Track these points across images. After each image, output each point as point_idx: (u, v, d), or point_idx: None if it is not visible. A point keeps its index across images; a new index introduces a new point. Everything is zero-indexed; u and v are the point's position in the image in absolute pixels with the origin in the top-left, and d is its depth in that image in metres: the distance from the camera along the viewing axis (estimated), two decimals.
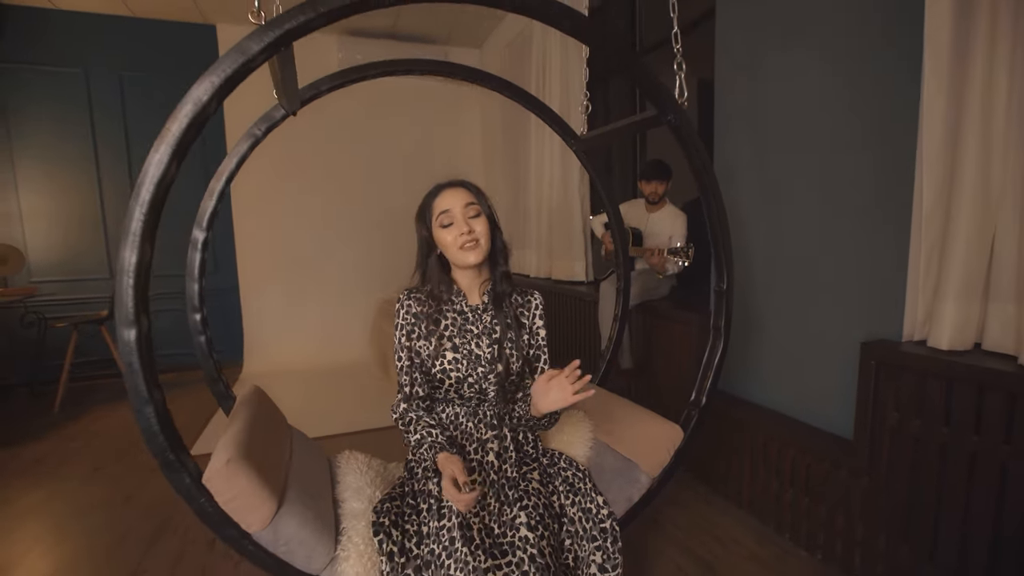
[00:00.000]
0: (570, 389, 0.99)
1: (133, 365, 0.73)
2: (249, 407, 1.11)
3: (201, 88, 0.74)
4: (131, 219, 0.72)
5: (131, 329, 0.72)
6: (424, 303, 1.16)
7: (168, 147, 0.72)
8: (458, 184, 1.14)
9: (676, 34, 1.22)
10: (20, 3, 3.76)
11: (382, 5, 0.82)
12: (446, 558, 0.95)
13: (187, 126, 0.73)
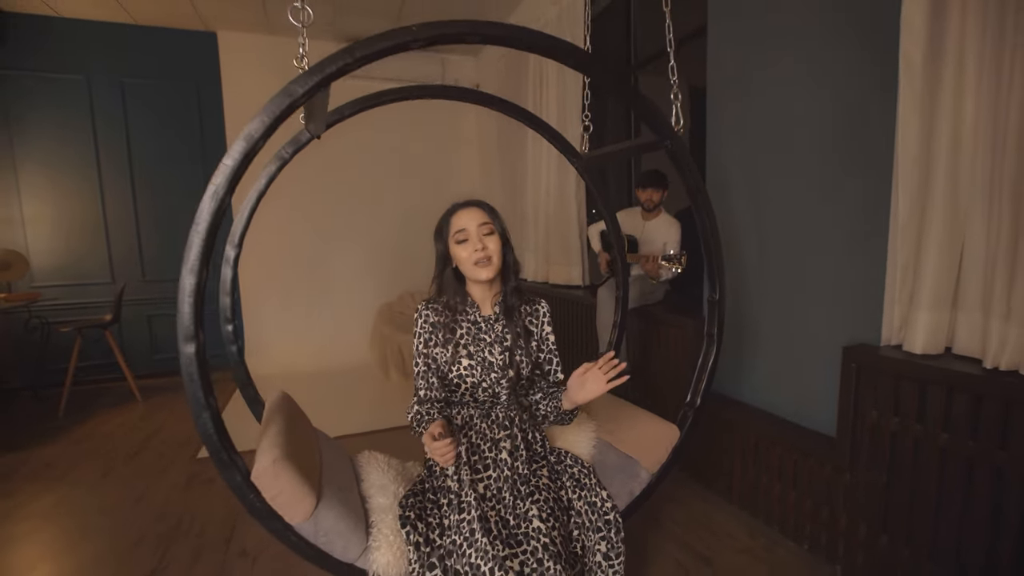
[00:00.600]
0: (604, 379, 1.11)
1: (193, 376, 0.82)
2: (281, 411, 1.20)
3: (253, 126, 0.82)
4: (191, 248, 0.81)
5: (191, 344, 0.81)
6: (441, 313, 1.26)
7: (224, 179, 0.81)
8: (474, 204, 1.24)
9: (672, 67, 1.32)
10: (23, 11, 3.80)
11: (413, 47, 0.91)
12: (467, 547, 1.04)
13: (240, 160, 0.82)
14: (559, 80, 3.42)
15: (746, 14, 2.01)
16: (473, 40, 0.96)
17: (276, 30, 4.34)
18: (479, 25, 0.90)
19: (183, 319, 0.80)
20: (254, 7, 3.90)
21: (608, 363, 1.12)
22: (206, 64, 4.32)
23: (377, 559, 1.03)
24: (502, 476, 1.19)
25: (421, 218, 5.06)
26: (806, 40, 1.79)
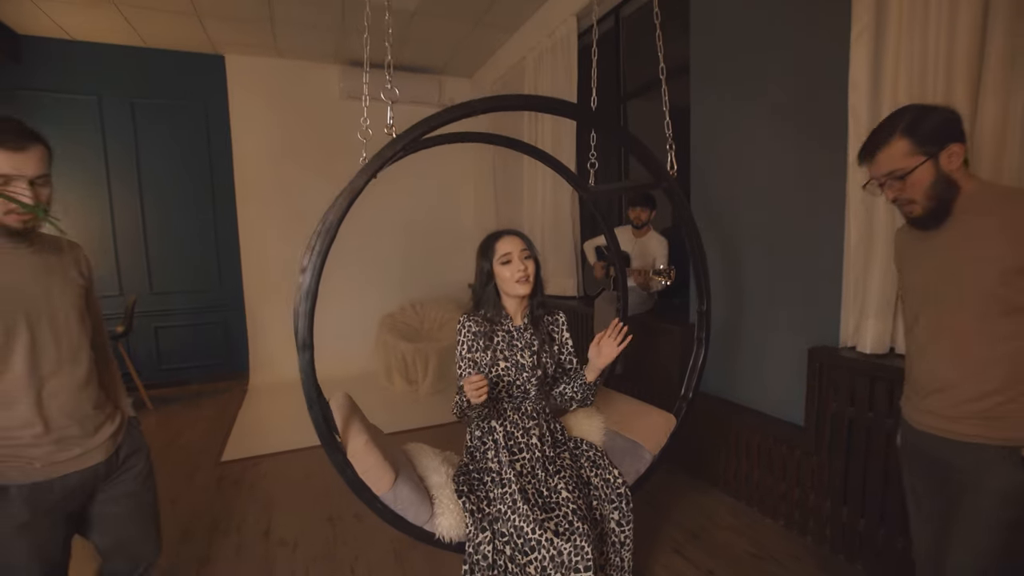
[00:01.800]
0: (615, 343, 1.40)
1: (308, 376, 1.05)
2: (353, 407, 1.44)
3: (360, 180, 1.07)
4: (308, 278, 1.05)
5: (307, 351, 1.05)
6: (481, 324, 1.51)
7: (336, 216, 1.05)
8: (515, 233, 1.49)
9: (668, 124, 1.61)
10: (39, 34, 3.95)
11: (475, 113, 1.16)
12: (511, 514, 1.29)
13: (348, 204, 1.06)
14: None
15: (722, 56, 2.33)
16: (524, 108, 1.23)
17: (282, 53, 4.56)
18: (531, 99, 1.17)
19: (302, 333, 1.04)
20: (263, 32, 4.12)
21: (616, 329, 1.40)
22: (214, 85, 4.51)
23: (441, 523, 1.27)
24: (534, 457, 1.45)
25: (422, 232, 5.35)
26: (768, 93, 2.11)
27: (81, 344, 1.17)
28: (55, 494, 1.11)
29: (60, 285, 1.15)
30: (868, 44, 1.71)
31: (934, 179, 1.01)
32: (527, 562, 1.24)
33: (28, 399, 1.07)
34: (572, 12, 3.43)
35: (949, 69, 1.50)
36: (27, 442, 1.07)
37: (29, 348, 1.07)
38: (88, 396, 1.18)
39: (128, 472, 1.27)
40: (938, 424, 1.09)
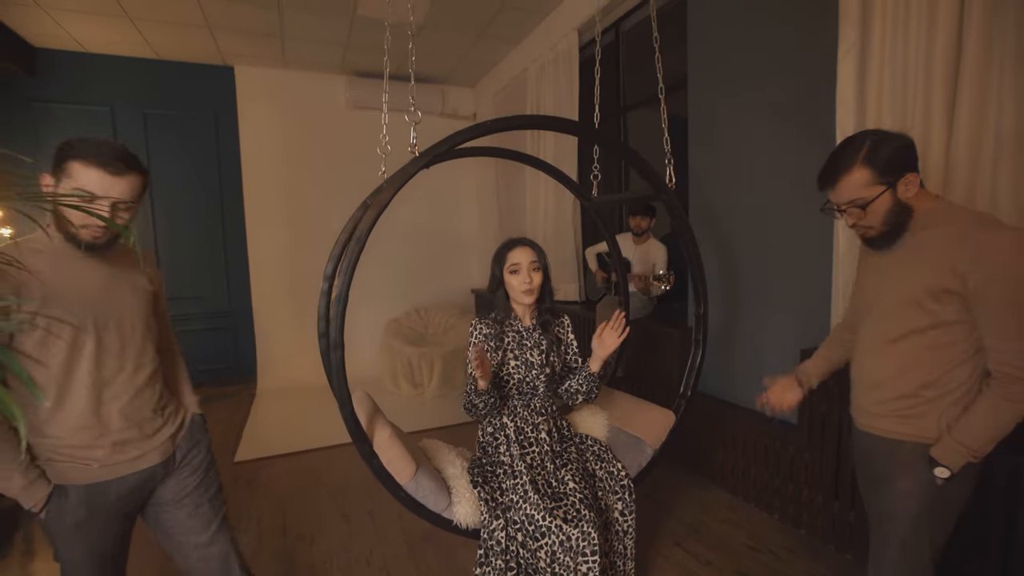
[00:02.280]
0: (615, 333, 1.49)
1: (340, 374, 1.15)
2: (373, 404, 1.54)
3: (385, 194, 1.18)
4: (341, 283, 1.15)
5: (338, 351, 1.15)
6: (491, 326, 1.61)
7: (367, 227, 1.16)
8: (528, 244, 1.59)
9: (667, 140, 1.72)
10: (54, 47, 4.07)
11: (490, 132, 1.27)
12: (522, 503, 1.39)
13: (376, 217, 1.17)
14: (555, 115, 3.82)
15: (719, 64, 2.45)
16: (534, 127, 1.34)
17: (290, 65, 4.68)
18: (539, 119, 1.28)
19: (334, 334, 1.15)
20: (272, 44, 4.24)
21: (615, 321, 1.51)
22: (223, 96, 4.62)
23: (458, 511, 1.37)
24: (543, 451, 1.55)
25: (426, 239, 5.44)
26: (768, 95, 2.23)
27: (144, 349, 1.19)
28: (111, 495, 1.13)
29: (128, 292, 1.18)
30: (854, 62, 1.83)
31: (891, 207, 1.07)
32: (538, 547, 1.34)
33: (90, 402, 1.09)
34: (574, 26, 3.55)
35: (927, 87, 1.61)
36: (86, 443, 1.10)
37: (94, 352, 1.09)
38: (148, 399, 1.19)
39: (186, 468, 1.26)
40: (867, 421, 1.20)
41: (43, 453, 1.09)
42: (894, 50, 1.71)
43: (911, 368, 1.10)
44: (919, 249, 1.08)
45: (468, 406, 1.50)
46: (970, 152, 1.54)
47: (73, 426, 1.08)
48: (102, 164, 1.03)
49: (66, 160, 1.04)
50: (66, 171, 1.03)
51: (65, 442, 1.08)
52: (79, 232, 1.05)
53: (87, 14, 3.59)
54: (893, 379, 1.13)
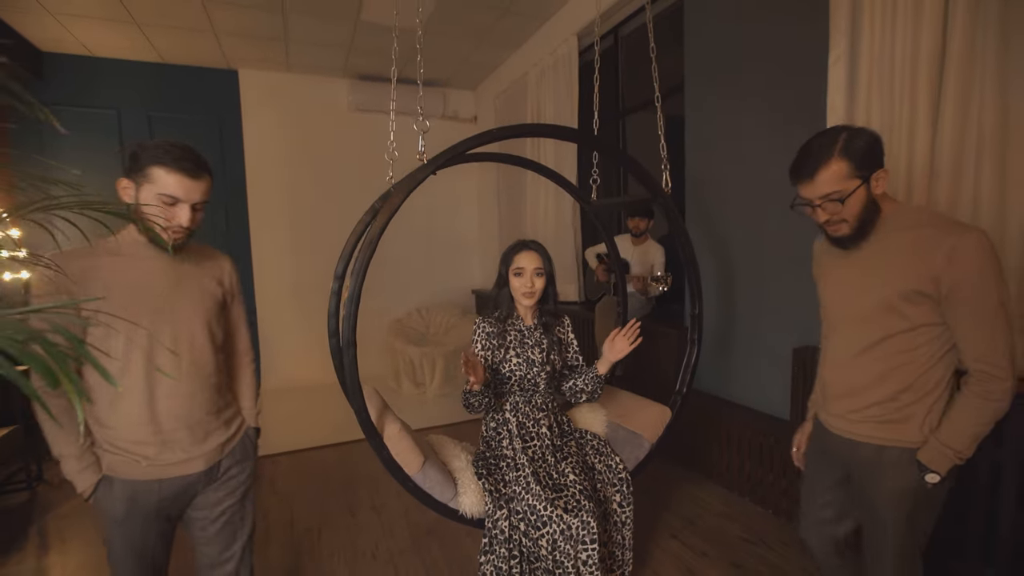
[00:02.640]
0: (627, 341, 1.56)
1: (352, 371, 1.22)
2: (382, 400, 1.60)
3: (396, 199, 1.24)
4: (353, 284, 1.21)
5: (351, 348, 1.22)
6: (495, 324, 1.67)
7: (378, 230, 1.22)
8: (535, 249, 1.65)
9: (663, 146, 1.79)
10: (61, 51, 4.13)
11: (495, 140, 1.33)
12: (525, 494, 1.45)
13: (388, 220, 1.23)
14: (555, 119, 3.88)
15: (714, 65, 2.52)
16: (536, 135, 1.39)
17: (293, 68, 4.74)
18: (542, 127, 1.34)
19: (347, 333, 1.21)
20: (276, 48, 4.30)
21: (630, 328, 1.57)
22: (227, 99, 4.68)
23: (464, 501, 1.43)
24: (543, 444, 1.61)
25: (428, 240, 5.50)
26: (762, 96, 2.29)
27: (202, 352, 1.18)
28: (153, 496, 1.14)
29: (191, 293, 1.18)
30: (844, 69, 1.89)
31: (865, 202, 1.07)
32: (539, 536, 1.40)
33: (143, 398, 1.11)
34: (573, 32, 3.62)
35: (913, 95, 1.68)
36: (138, 439, 1.11)
37: (148, 350, 1.10)
38: (202, 402, 1.18)
39: (228, 483, 1.25)
40: (845, 427, 1.19)
41: (101, 443, 1.13)
42: (881, 58, 1.78)
43: (889, 374, 1.11)
44: (889, 253, 1.09)
45: (466, 403, 1.57)
46: (953, 154, 1.60)
47: (128, 420, 1.11)
48: (182, 169, 1.08)
49: (147, 165, 1.07)
50: (147, 176, 1.07)
51: (120, 435, 1.11)
52: (163, 234, 1.08)
53: (94, 19, 3.65)
54: (871, 386, 1.14)
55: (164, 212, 1.08)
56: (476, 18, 3.82)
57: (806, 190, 1.11)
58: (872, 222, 1.10)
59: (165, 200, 1.08)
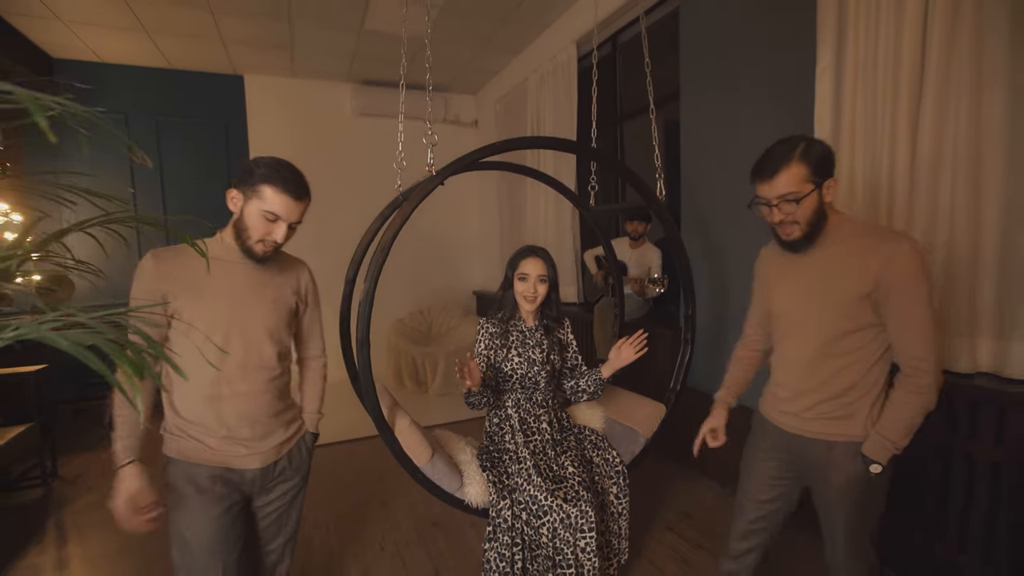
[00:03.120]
0: (633, 349, 1.64)
1: (366, 370, 1.30)
2: (392, 397, 1.69)
3: (408, 206, 1.33)
4: (368, 291, 1.30)
5: (365, 348, 1.30)
6: (498, 325, 1.76)
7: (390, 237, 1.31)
8: (541, 257, 1.73)
9: (657, 156, 1.88)
10: (71, 57, 4.22)
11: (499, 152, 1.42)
12: (527, 485, 1.54)
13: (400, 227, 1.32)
14: (554, 129, 3.97)
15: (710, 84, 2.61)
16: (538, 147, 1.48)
17: (298, 73, 4.83)
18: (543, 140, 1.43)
19: (361, 332, 1.30)
20: (282, 54, 4.39)
21: (636, 338, 1.65)
22: (233, 103, 4.77)
23: (469, 491, 1.52)
24: (544, 439, 1.70)
25: (430, 242, 5.59)
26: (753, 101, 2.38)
27: (269, 356, 1.24)
28: (218, 483, 1.20)
29: (268, 301, 1.25)
30: (830, 82, 1.98)
31: (816, 207, 1.16)
32: (540, 524, 1.49)
33: (212, 393, 1.18)
34: (572, 39, 3.71)
35: (895, 106, 1.77)
36: (204, 431, 1.20)
37: (221, 347, 1.16)
38: (265, 404, 1.25)
39: (281, 484, 1.31)
40: (796, 424, 1.28)
41: (173, 428, 1.22)
42: (865, 72, 1.87)
43: (839, 373, 1.20)
44: (836, 260, 1.19)
45: (467, 401, 1.66)
46: (931, 164, 1.69)
47: (197, 414, 1.20)
48: (288, 191, 1.16)
49: (259, 183, 1.15)
50: (257, 192, 1.16)
51: (191, 422, 1.20)
52: (255, 246, 1.18)
53: (104, 26, 3.74)
54: (823, 385, 1.22)
55: (264, 227, 1.17)
56: (478, 26, 3.91)
57: (765, 190, 1.19)
58: (820, 228, 1.19)
59: (268, 217, 1.16)
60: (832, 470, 1.23)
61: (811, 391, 1.24)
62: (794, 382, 1.28)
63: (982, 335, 1.64)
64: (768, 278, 1.39)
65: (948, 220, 1.67)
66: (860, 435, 1.21)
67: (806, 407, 1.26)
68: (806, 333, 1.25)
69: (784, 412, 1.33)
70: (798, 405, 1.28)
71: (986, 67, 1.57)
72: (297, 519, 1.40)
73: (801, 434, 1.28)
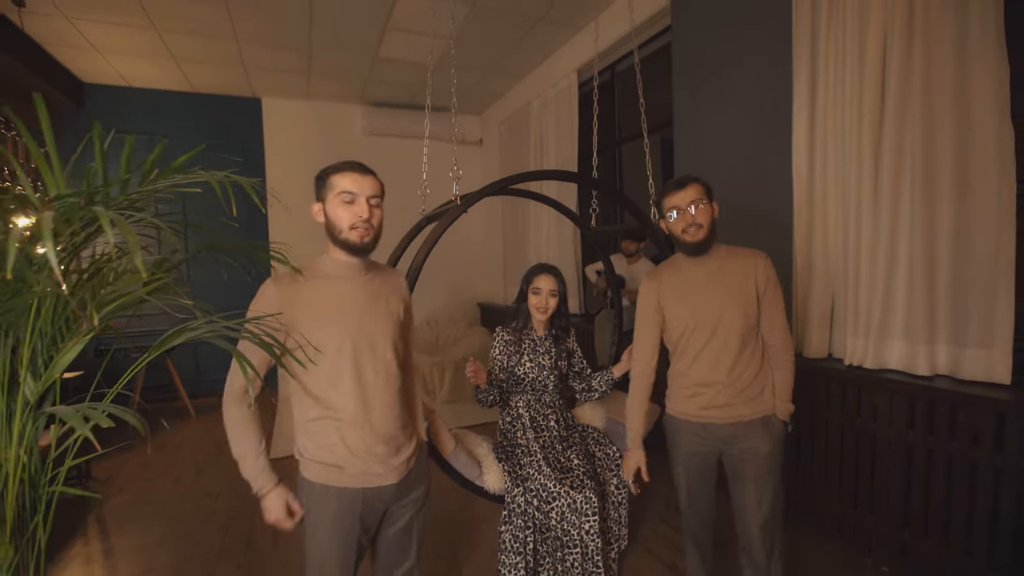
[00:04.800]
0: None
1: None
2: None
3: (439, 227, 1.54)
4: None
5: None
6: (512, 333, 1.97)
7: (420, 261, 1.52)
8: (553, 274, 1.94)
9: (651, 184, 2.11)
10: (102, 82, 4.48)
11: (514, 183, 1.65)
12: (537, 475, 1.74)
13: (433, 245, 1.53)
14: (556, 151, 4.22)
15: (704, 115, 2.85)
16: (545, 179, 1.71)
17: (312, 96, 5.10)
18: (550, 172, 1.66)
19: None
20: (299, 79, 4.65)
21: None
22: (250, 124, 5.03)
23: (487, 479, 1.73)
24: (552, 435, 1.90)
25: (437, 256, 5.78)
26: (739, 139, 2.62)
27: (391, 366, 1.24)
28: (357, 504, 1.20)
29: (382, 311, 1.26)
30: (805, 119, 2.22)
31: (713, 217, 1.50)
32: (550, 509, 1.69)
33: (350, 414, 1.17)
34: (574, 68, 3.98)
35: (859, 139, 2.00)
36: (344, 452, 1.18)
37: (353, 365, 1.18)
38: (396, 416, 1.25)
39: (408, 496, 1.30)
40: (730, 413, 1.50)
41: (308, 453, 1.20)
42: (836, 110, 2.11)
43: (750, 360, 1.51)
44: (729, 273, 1.52)
45: (477, 399, 1.89)
46: (892, 187, 1.92)
47: (335, 439, 1.18)
48: (352, 168, 1.20)
49: (325, 178, 1.21)
50: (328, 185, 1.20)
51: (327, 448, 1.18)
52: (350, 235, 1.18)
53: (136, 55, 4.00)
54: (742, 373, 1.50)
55: (346, 212, 1.18)
56: (485, 54, 4.18)
57: (679, 199, 1.48)
58: (712, 238, 1.51)
59: (345, 198, 1.18)
60: (761, 441, 1.50)
61: (734, 381, 1.51)
62: (721, 377, 1.51)
63: (940, 342, 1.86)
64: (667, 302, 1.59)
65: (908, 231, 1.89)
66: (771, 407, 1.53)
67: (732, 396, 1.51)
68: (727, 335, 1.50)
69: (709, 407, 1.53)
70: (724, 397, 1.51)
71: (936, 107, 1.81)
72: (421, 534, 1.37)
73: (730, 421, 1.51)
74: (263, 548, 2.31)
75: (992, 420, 1.65)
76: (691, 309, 1.54)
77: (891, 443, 1.92)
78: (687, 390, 1.58)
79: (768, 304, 1.52)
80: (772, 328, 1.53)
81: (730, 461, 1.56)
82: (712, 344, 1.52)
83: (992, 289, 1.70)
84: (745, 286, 1.50)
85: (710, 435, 1.55)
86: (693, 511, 1.66)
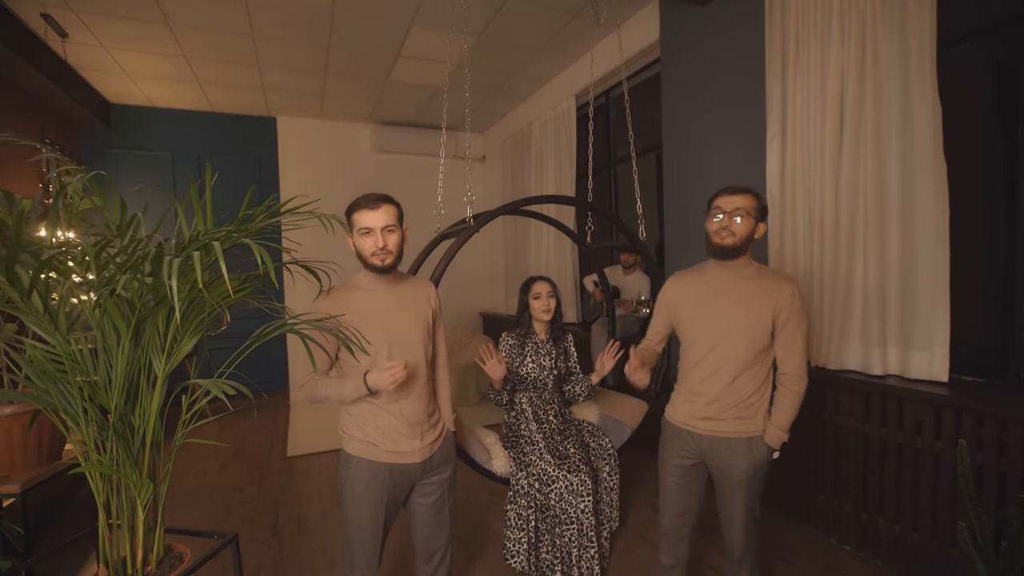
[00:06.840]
0: (612, 358, 2.04)
1: None
2: None
3: (454, 245, 1.80)
4: None
5: None
6: (516, 338, 2.23)
7: (438, 275, 1.78)
8: (546, 280, 2.21)
9: (639, 206, 2.38)
10: (127, 103, 4.76)
11: (523, 205, 1.91)
12: (539, 460, 1.99)
13: (450, 261, 1.79)
14: (556, 169, 4.51)
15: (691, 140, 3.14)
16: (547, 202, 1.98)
17: (325, 115, 5.39)
18: (551, 197, 1.92)
19: None
20: (313, 100, 4.94)
21: (610, 349, 2.09)
22: (266, 142, 5.31)
23: (496, 464, 1.97)
24: (551, 427, 2.15)
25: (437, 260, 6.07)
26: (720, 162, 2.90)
27: (420, 363, 1.46)
28: (385, 477, 1.41)
29: (412, 315, 1.47)
30: (778, 146, 2.50)
31: (750, 232, 1.47)
32: (549, 491, 1.93)
33: (383, 401, 1.41)
34: (571, 93, 4.28)
35: (822, 164, 2.28)
36: (378, 433, 1.42)
37: (388, 360, 1.38)
38: (422, 407, 1.47)
39: (436, 476, 1.51)
40: (713, 427, 1.52)
41: (349, 431, 1.45)
42: (804, 139, 2.39)
43: (748, 381, 1.50)
44: (751, 293, 1.50)
45: (489, 393, 2.13)
46: (850, 209, 2.19)
47: (370, 422, 1.42)
48: (365, 205, 1.41)
49: (349, 216, 1.44)
50: (351, 222, 1.43)
51: (363, 428, 1.43)
52: (372, 260, 1.41)
53: (163, 79, 4.28)
54: (738, 391, 1.49)
55: (365, 243, 1.41)
56: (488, 78, 4.48)
57: (725, 202, 1.48)
58: (743, 250, 1.50)
59: (362, 233, 1.41)
60: (743, 459, 1.50)
61: (726, 397, 1.51)
62: (713, 391, 1.52)
63: (891, 345, 2.12)
64: (680, 304, 1.63)
65: (863, 250, 2.16)
66: (760, 430, 1.52)
67: (720, 411, 1.52)
68: (729, 351, 1.50)
69: (701, 418, 1.54)
70: (712, 410, 1.53)
71: (883, 140, 2.09)
72: (452, 512, 1.57)
73: (716, 435, 1.52)
74: (289, 532, 2.54)
75: (931, 412, 1.91)
76: (699, 318, 1.55)
77: (851, 434, 2.18)
78: (685, 391, 1.61)
79: (787, 332, 1.48)
80: (788, 357, 1.50)
81: (712, 470, 1.60)
82: (711, 357, 1.52)
83: (931, 300, 1.96)
84: (762, 309, 1.47)
85: (694, 443, 1.57)
86: (667, 517, 1.68)
